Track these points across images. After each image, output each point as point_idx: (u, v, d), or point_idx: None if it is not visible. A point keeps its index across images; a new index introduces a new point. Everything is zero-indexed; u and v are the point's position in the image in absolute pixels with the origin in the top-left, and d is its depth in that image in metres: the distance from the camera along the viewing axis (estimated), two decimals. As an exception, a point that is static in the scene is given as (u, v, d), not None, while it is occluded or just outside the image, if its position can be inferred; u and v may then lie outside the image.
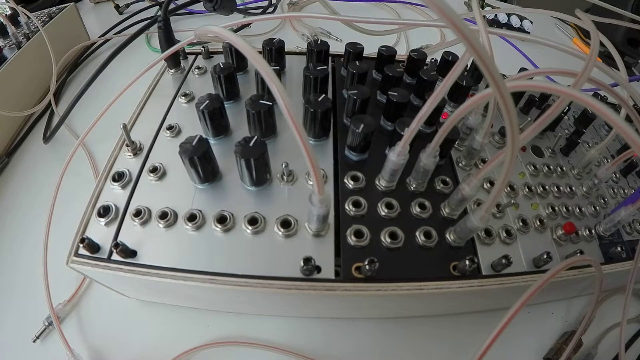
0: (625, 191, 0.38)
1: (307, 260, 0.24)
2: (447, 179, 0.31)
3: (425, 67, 0.39)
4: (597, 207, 0.35)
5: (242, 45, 0.18)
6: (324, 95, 0.31)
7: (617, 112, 0.35)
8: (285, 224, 0.27)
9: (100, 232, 0.28)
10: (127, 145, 0.32)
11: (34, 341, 0.32)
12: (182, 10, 0.71)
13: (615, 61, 0.33)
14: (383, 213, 0.28)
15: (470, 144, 0.32)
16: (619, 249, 0.32)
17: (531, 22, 0.78)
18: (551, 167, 0.36)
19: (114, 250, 0.26)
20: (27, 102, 0.54)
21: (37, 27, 0.54)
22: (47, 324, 0.33)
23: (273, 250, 0.26)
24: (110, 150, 0.33)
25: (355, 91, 0.32)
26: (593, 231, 0.33)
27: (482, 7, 0.83)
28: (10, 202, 0.43)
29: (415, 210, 0.29)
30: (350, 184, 0.30)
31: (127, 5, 0.76)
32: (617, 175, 0.40)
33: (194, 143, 0.27)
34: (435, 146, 0.25)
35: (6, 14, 0.56)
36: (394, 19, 0.73)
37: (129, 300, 0.34)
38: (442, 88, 0.22)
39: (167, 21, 0.38)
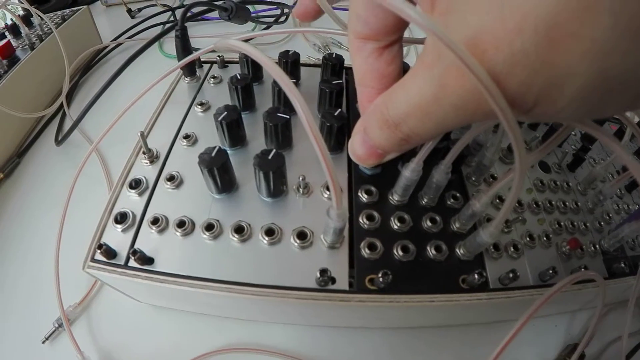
0: (630, 207, 0.39)
1: (323, 271, 0.25)
2: (458, 194, 0.32)
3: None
4: (602, 223, 0.36)
5: (264, 60, 0.18)
6: (340, 109, 0.31)
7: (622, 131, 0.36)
8: (301, 235, 0.28)
9: (117, 238, 0.28)
10: (143, 153, 0.32)
11: (43, 342, 0.33)
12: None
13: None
14: (395, 227, 0.29)
15: (480, 160, 0.33)
16: (622, 264, 0.32)
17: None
18: (558, 183, 0.37)
19: (132, 257, 0.26)
20: (39, 103, 0.54)
21: (51, 28, 0.54)
22: (57, 325, 0.33)
23: (289, 261, 0.27)
24: (120, 152, 0.33)
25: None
26: (597, 246, 0.33)
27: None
28: (21, 202, 0.44)
29: (427, 224, 0.30)
30: (364, 197, 0.30)
31: (139, 10, 0.77)
32: (622, 191, 0.40)
33: (213, 154, 0.27)
34: (448, 163, 0.26)
35: (19, 14, 0.56)
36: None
37: (140, 305, 0.35)
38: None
39: (184, 30, 0.38)
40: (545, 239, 0.32)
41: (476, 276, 0.26)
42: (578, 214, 0.36)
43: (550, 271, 0.29)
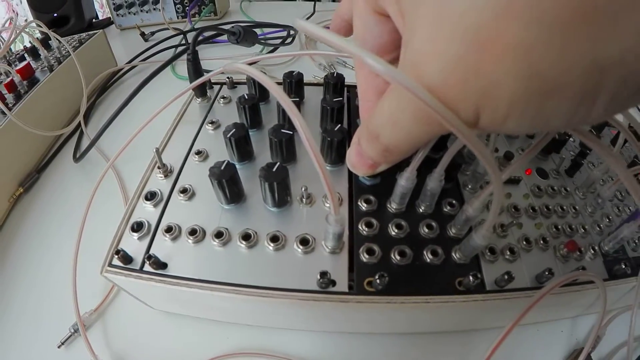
0: (630, 208, 0.39)
1: (323, 274, 0.26)
2: (454, 202, 0.33)
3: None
4: (602, 226, 0.36)
5: (268, 83, 0.20)
6: (340, 125, 0.34)
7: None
8: (304, 241, 0.30)
9: (133, 245, 0.30)
10: (158, 168, 0.35)
11: (59, 347, 0.34)
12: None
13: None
14: (393, 233, 0.31)
15: (475, 168, 0.34)
16: (623, 265, 0.32)
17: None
18: (555, 188, 0.38)
19: (147, 262, 0.28)
20: (58, 122, 0.58)
21: (69, 51, 0.57)
22: (72, 330, 0.35)
23: (292, 266, 0.29)
24: (136, 168, 0.36)
25: (367, 120, 0.34)
26: (597, 248, 0.34)
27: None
28: (39, 215, 0.47)
29: (424, 230, 0.31)
30: (363, 206, 0.32)
31: (152, 33, 0.80)
32: (622, 193, 0.40)
33: (222, 167, 0.29)
34: (440, 171, 0.27)
35: (38, 38, 0.59)
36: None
37: (153, 312, 0.37)
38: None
39: (195, 54, 0.41)
40: (542, 242, 0.32)
41: (471, 278, 0.27)
42: (577, 217, 0.36)
43: (547, 273, 0.29)
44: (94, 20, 0.89)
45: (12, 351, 0.35)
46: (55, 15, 0.78)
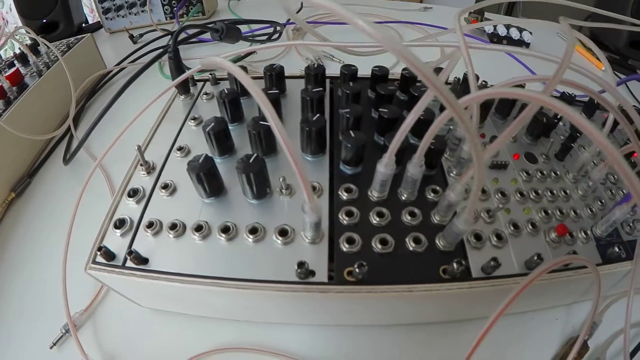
0: (624, 191, 0.38)
1: (300, 264, 0.26)
2: (438, 188, 0.33)
3: (417, 84, 0.40)
4: (594, 209, 0.35)
5: (237, 72, 0.20)
6: (318, 114, 0.33)
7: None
8: (283, 232, 0.29)
9: (116, 242, 0.30)
10: (141, 165, 0.35)
11: (51, 347, 0.35)
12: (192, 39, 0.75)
13: (605, 64, 0.34)
14: (374, 221, 0.30)
15: (459, 154, 0.34)
16: (616, 249, 0.32)
17: (530, 33, 0.79)
18: (545, 172, 0.37)
19: (128, 258, 0.28)
20: (48, 126, 0.58)
21: (57, 56, 0.58)
22: (64, 331, 0.35)
23: (272, 257, 0.28)
24: (124, 169, 0.35)
25: (348, 110, 0.34)
26: (589, 232, 0.33)
27: (481, 20, 0.85)
28: (31, 220, 0.47)
29: (406, 218, 0.30)
30: (344, 195, 0.32)
31: (141, 35, 0.81)
32: (615, 176, 0.39)
33: (200, 161, 0.29)
34: (419, 156, 0.27)
35: (27, 44, 0.60)
36: (375, 43, 0.76)
37: (141, 310, 0.37)
38: (422, 102, 0.23)
39: (176, 51, 0.41)
40: (531, 227, 0.32)
41: (455, 265, 0.27)
42: (567, 201, 0.35)
43: (536, 258, 0.29)
44: (83, 24, 0.89)
45: (5, 353, 0.35)
46: (44, 21, 0.78)
